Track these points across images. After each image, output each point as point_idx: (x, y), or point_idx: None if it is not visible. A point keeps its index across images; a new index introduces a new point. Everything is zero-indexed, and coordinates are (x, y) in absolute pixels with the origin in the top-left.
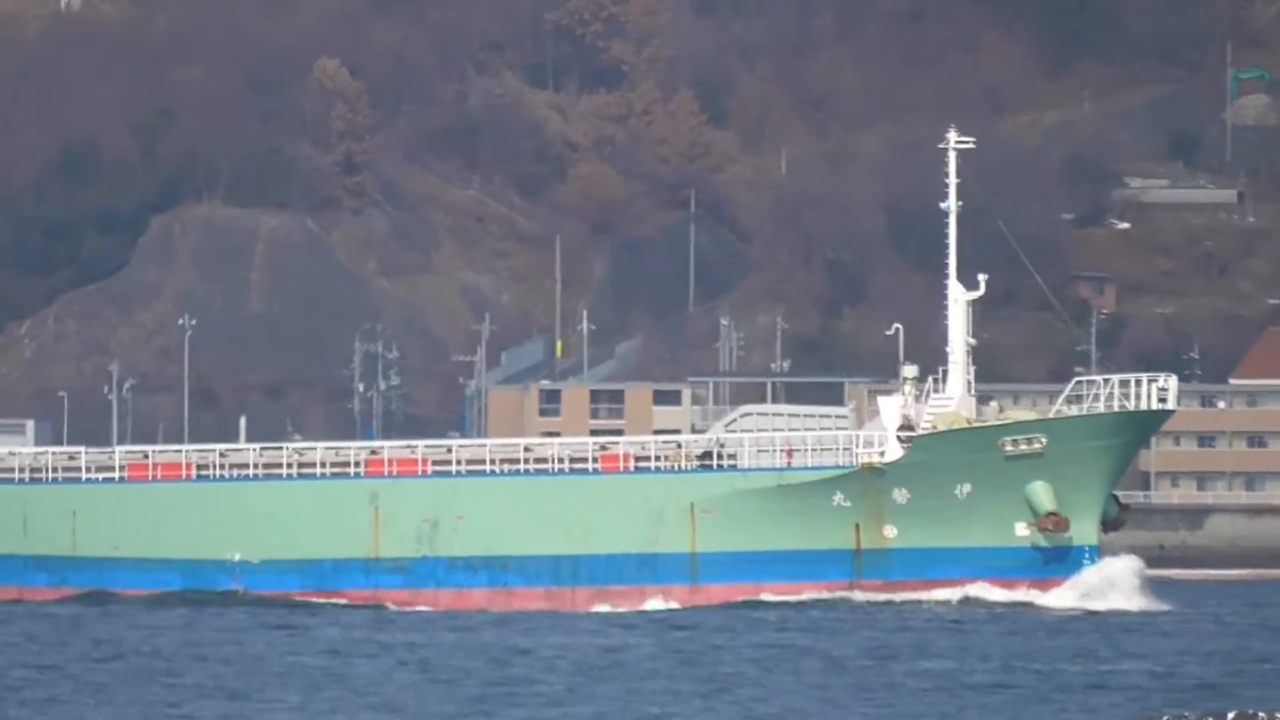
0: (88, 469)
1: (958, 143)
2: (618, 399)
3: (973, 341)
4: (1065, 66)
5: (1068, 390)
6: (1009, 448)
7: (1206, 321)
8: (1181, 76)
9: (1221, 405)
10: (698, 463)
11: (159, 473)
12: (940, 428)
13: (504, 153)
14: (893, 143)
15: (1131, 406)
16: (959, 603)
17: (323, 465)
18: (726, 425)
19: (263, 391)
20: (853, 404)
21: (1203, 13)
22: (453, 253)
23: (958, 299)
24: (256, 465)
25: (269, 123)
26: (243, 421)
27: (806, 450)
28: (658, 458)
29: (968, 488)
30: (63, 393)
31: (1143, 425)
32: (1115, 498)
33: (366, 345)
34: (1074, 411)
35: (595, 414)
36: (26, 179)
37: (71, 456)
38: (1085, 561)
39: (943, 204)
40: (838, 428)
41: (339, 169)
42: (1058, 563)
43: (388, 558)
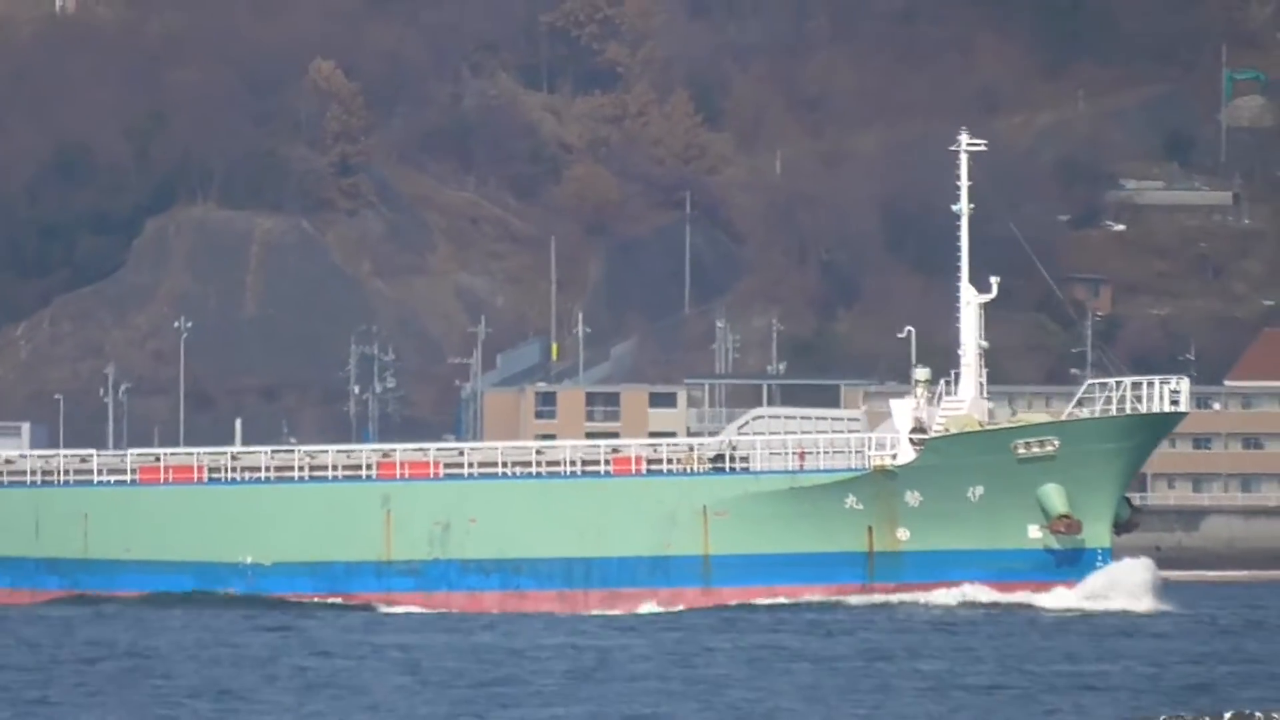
0: (99, 472)
1: (969, 144)
2: (613, 401)
3: (984, 344)
4: (1060, 67)
5: (1080, 393)
6: (1021, 450)
7: (1202, 323)
8: (1176, 77)
9: (1217, 407)
10: (710, 465)
11: (170, 475)
12: (952, 430)
13: (499, 154)
14: (887, 143)
15: (1143, 409)
16: (957, 605)
17: (334, 468)
18: (739, 428)
19: (258, 394)
20: (864, 407)
21: (1197, 14)
22: (448, 254)
23: (969, 301)
24: (268, 468)
25: (263, 124)
26: (238, 424)
27: (819, 453)
28: (670, 460)
29: (980, 490)
30: (58, 395)
31: (1155, 427)
32: (1127, 500)
33: (362, 347)
34: (1086, 414)
35: (591, 416)
36: (21, 181)
37: (83, 459)
38: (1098, 564)
39: (954, 206)
40: (850, 430)
41: (334, 170)
42: (1070, 565)
43: (399, 560)
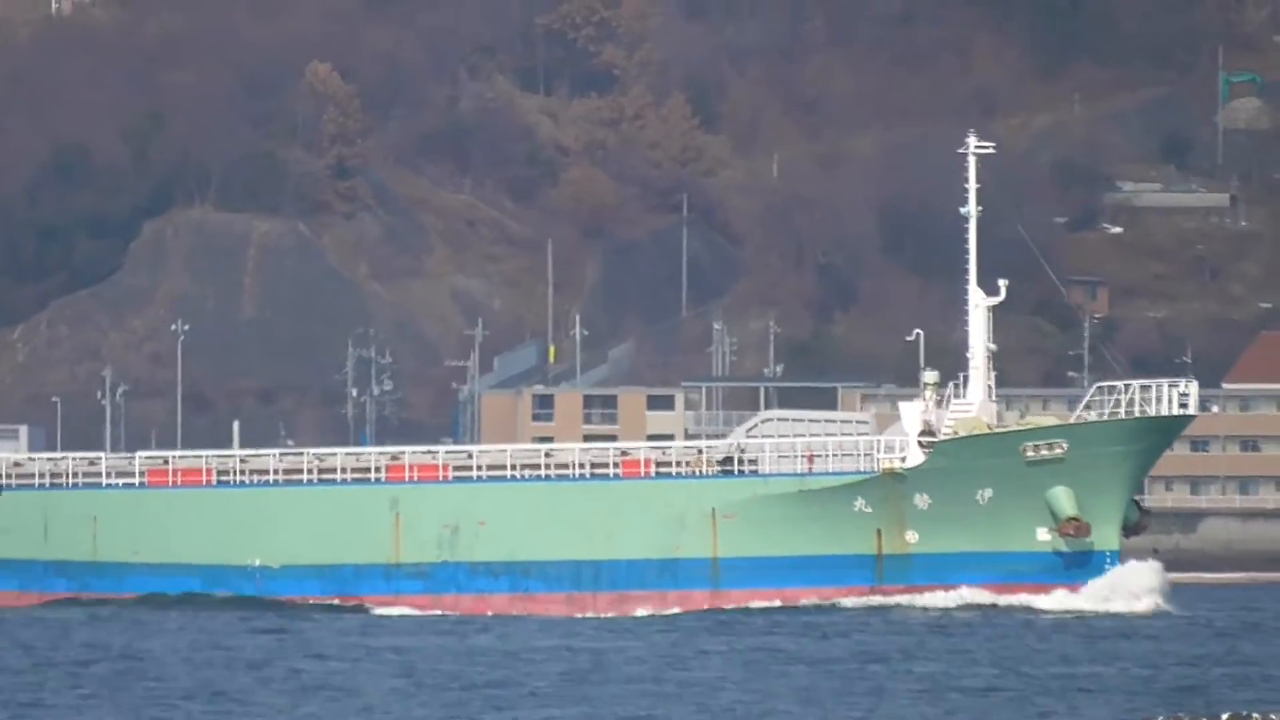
0: (107, 474)
1: (976, 147)
2: (611, 404)
3: (993, 347)
4: (1057, 70)
5: (1088, 396)
6: (1030, 453)
7: (1199, 325)
8: (1173, 80)
9: (1214, 409)
10: (719, 468)
11: (179, 478)
12: (961, 433)
13: (495, 157)
14: (884, 146)
15: (1152, 412)
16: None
17: (343, 471)
18: (747, 431)
19: (255, 396)
20: (864, 409)
21: (1194, 16)
22: (444, 257)
23: (978, 305)
24: (276, 471)
25: (260, 127)
26: (236, 426)
27: (828, 455)
28: (679, 463)
29: (989, 493)
30: (56, 398)
31: (1164, 430)
32: (1136, 502)
33: (359, 350)
34: (1094, 417)
35: (588, 419)
36: (18, 183)
37: (91, 462)
38: (1107, 566)
39: (962, 209)
40: (859, 433)
41: (330, 173)
42: (1079, 567)
43: (408, 563)
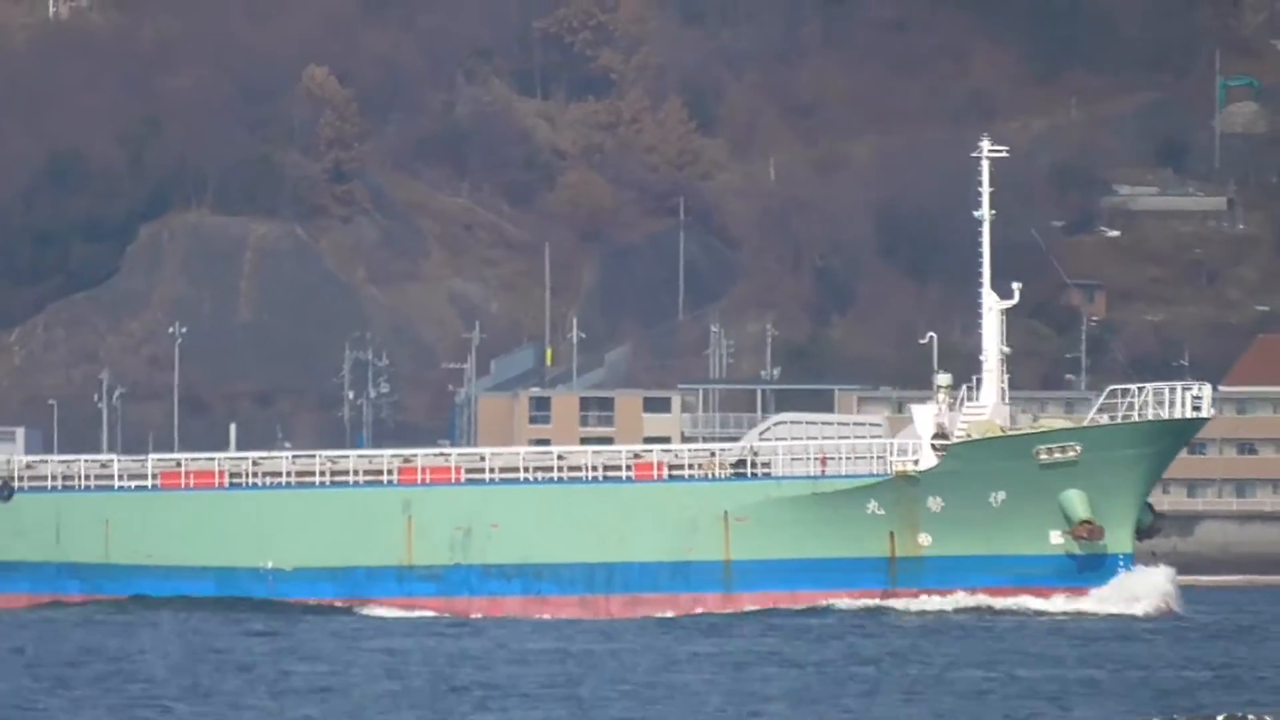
0: (120, 477)
1: (990, 151)
2: (608, 406)
3: (1007, 350)
4: (1054, 73)
5: (1101, 399)
6: (1043, 456)
7: (1196, 329)
8: (1170, 84)
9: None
10: (731, 471)
11: (192, 481)
12: (974, 436)
13: (493, 160)
14: (881, 150)
15: (1165, 415)
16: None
17: (356, 473)
18: (760, 434)
19: (252, 399)
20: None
21: (1191, 20)
22: (442, 260)
23: (991, 308)
24: (289, 473)
25: (257, 131)
26: (233, 429)
27: (841, 458)
28: (691, 466)
29: (1002, 496)
30: (52, 401)
31: (1177, 434)
32: (1150, 505)
33: (356, 353)
34: (1107, 420)
35: (585, 421)
36: (15, 188)
37: (104, 465)
38: (1120, 569)
39: (975, 213)
40: (872, 436)
41: (328, 177)
42: (1092, 570)
43: (421, 565)
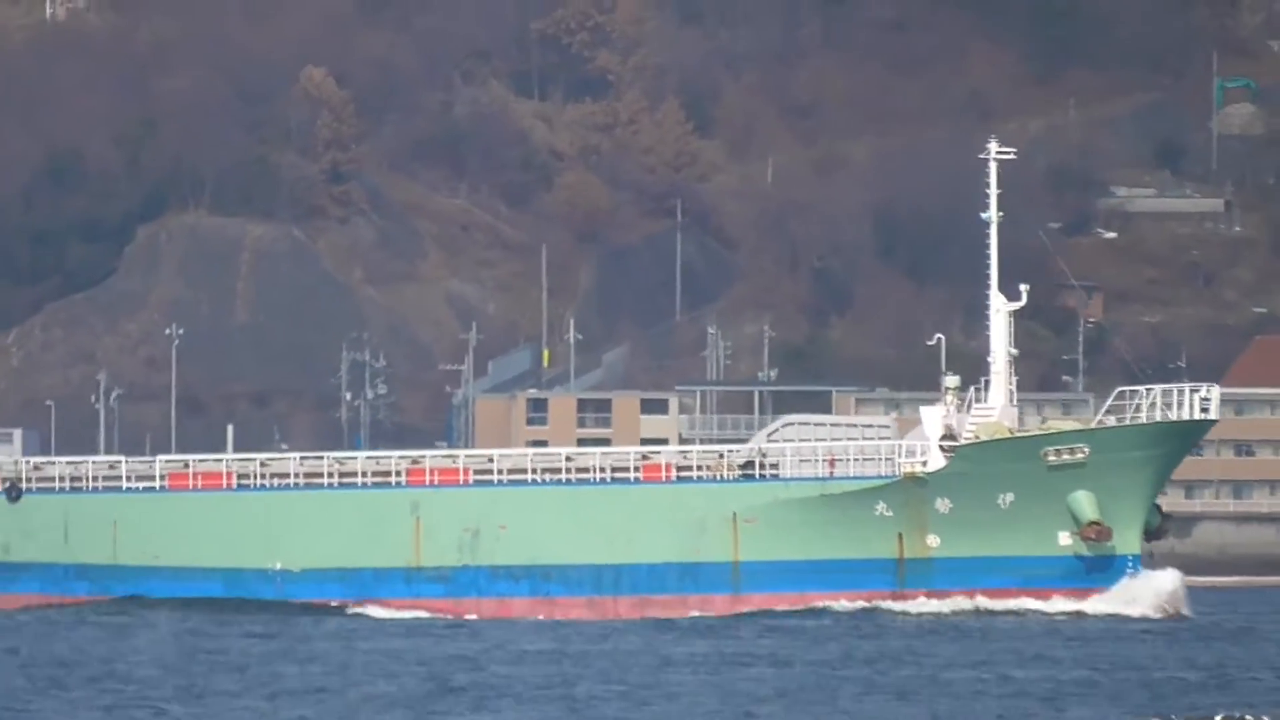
0: (128, 478)
1: (998, 153)
2: (605, 408)
3: (1014, 351)
4: (1051, 75)
5: (1110, 400)
6: (1051, 457)
7: (1193, 330)
8: (1167, 85)
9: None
10: (740, 472)
11: (200, 482)
12: (983, 437)
13: (490, 162)
14: (879, 151)
15: (1173, 416)
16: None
17: (364, 475)
18: (769, 435)
19: (249, 400)
20: (894, 414)
21: (1188, 21)
22: (439, 261)
23: (999, 309)
24: (297, 475)
25: (254, 132)
26: (230, 430)
27: (849, 460)
28: (700, 467)
29: (1010, 497)
30: (50, 401)
31: (1185, 435)
32: (1158, 507)
33: (353, 354)
34: (1115, 421)
35: (582, 423)
36: (12, 188)
37: (112, 466)
38: (1128, 571)
39: (983, 214)
40: (880, 438)
41: (325, 178)
42: (1100, 572)
43: (429, 567)
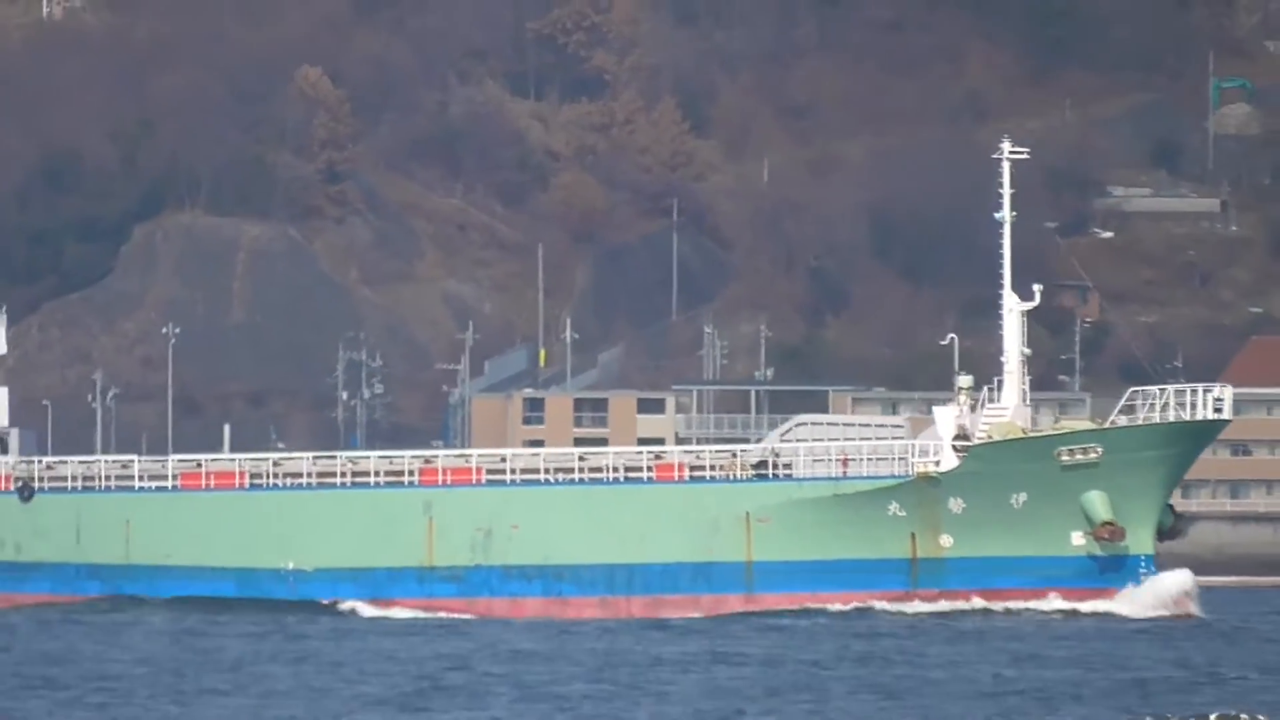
0: (140, 478)
1: (1011, 152)
2: (601, 407)
3: (1027, 351)
4: (1047, 75)
5: (1123, 400)
6: (1065, 457)
7: (1190, 330)
8: (1164, 85)
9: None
10: (753, 472)
11: (212, 481)
12: (996, 437)
13: (486, 161)
14: (874, 151)
15: (1187, 416)
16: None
17: (376, 474)
18: (782, 435)
19: (246, 400)
20: (907, 414)
21: (1185, 22)
22: (435, 261)
23: (1012, 309)
24: (310, 474)
25: (250, 131)
26: (226, 430)
27: (862, 460)
28: (712, 467)
29: (1023, 497)
30: (46, 401)
31: (1198, 435)
32: (1171, 507)
33: (350, 354)
34: (1127, 421)
35: (579, 422)
36: (8, 187)
37: (124, 465)
38: (1142, 571)
39: (996, 214)
40: (893, 437)
41: (321, 177)
42: (1114, 572)
43: (442, 566)
